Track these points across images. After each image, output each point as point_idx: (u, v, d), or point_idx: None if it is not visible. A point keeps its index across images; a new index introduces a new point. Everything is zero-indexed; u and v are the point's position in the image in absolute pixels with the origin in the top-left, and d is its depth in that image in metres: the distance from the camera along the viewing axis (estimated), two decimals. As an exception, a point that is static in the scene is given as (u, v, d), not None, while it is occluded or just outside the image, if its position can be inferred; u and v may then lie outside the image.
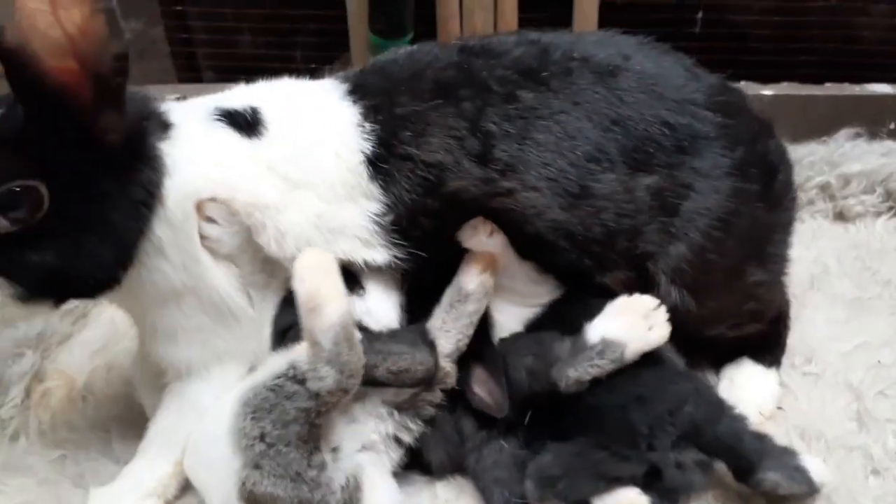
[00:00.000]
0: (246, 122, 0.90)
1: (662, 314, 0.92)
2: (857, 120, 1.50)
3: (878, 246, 1.39)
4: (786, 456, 0.88)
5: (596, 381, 0.89)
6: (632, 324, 0.90)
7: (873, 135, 1.50)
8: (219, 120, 0.90)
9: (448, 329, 0.92)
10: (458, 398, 0.94)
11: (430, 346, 0.90)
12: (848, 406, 1.05)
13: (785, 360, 1.12)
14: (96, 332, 1.20)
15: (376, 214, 0.91)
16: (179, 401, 0.93)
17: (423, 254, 0.94)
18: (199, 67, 2.61)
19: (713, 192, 0.94)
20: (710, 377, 1.10)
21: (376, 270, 0.95)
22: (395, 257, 0.94)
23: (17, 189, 0.76)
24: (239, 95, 0.95)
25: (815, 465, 0.88)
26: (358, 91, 0.94)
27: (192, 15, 2.51)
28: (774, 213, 1.03)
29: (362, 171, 0.90)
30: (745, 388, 1.07)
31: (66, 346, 1.17)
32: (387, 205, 0.91)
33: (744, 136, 0.98)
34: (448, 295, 0.95)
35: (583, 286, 1.00)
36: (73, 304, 1.19)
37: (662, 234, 0.94)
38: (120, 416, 1.05)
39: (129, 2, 2.10)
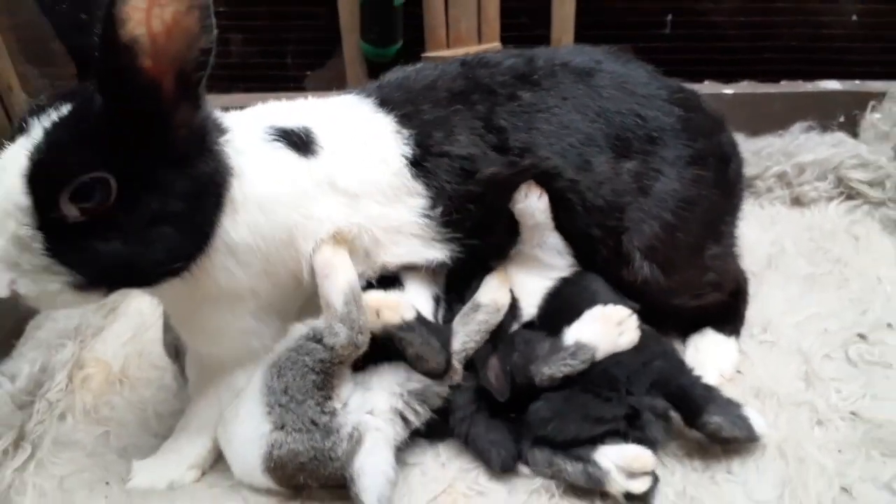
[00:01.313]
0: (301, 142, 0.96)
1: (634, 322, 1.05)
2: (811, 114, 1.62)
3: (830, 227, 1.52)
4: (730, 405, 1.01)
5: None
6: (605, 331, 1.03)
7: (825, 127, 1.62)
8: (276, 140, 0.95)
9: (458, 331, 1.05)
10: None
11: (447, 345, 1.02)
12: (798, 368, 1.18)
13: (744, 330, 1.25)
14: (126, 324, 1.32)
15: (424, 209, 1.02)
16: (217, 383, 1.02)
17: (475, 241, 1.06)
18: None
19: (678, 178, 1.08)
20: (678, 346, 1.23)
21: (413, 269, 1.06)
22: (452, 250, 1.05)
23: (88, 181, 0.78)
24: (287, 114, 1.01)
25: (755, 416, 1.01)
26: (387, 104, 1.04)
27: None
28: (728, 198, 1.18)
29: (406, 173, 1.01)
30: (708, 353, 1.20)
31: (100, 337, 1.29)
32: (432, 198, 1.02)
33: (702, 130, 1.12)
34: (468, 302, 1.07)
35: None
36: (105, 299, 1.32)
37: (639, 212, 1.07)
38: (154, 396, 1.17)
39: None
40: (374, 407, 1.00)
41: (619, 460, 0.96)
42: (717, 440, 1.02)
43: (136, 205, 0.82)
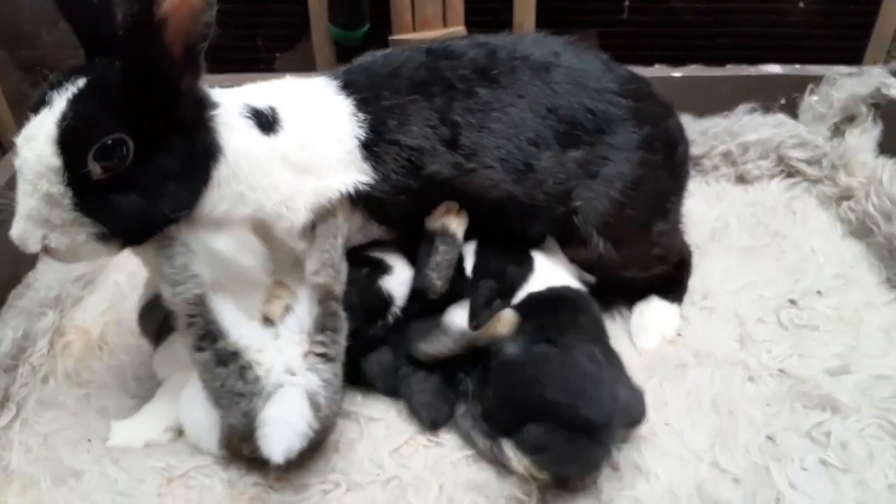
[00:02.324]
0: (267, 121, 1.04)
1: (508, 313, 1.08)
2: (754, 96, 1.71)
3: (772, 203, 1.62)
4: None
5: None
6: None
7: (767, 109, 1.71)
8: (248, 118, 1.02)
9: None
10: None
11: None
12: (734, 331, 1.28)
13: (686, 298, 1.34)
14: (104, 294, 1.38)
15: (364, 184, 1.08)
16: None
17: (394, 231, 1.16)
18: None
19: (626, 161, 1.16)
20: (624, 311, 1.34)
21: (397, 255, 1.18)
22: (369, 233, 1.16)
23: (110, 142, 0.87)
24: (259, 94, 1.07)
25: None
26: (349, 87, 1.11)
27: None
28: (674, 178, 1.27)
29: (357, 154, 1.08)
30: (652, 318, 1.30)
31: (79, 306, 1.34)
32: (375, 180, 1.09)
33: (650, 117, 1.20)
34: None
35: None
36: (82, 271, 1.38)
37: (589, 192, 1.15)
38: (132, 361, 1.23)
39: None
40: (291, 364, 1.05)
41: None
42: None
43: (148, 163, 0.92)
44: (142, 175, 0.91)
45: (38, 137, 0.88)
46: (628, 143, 1.16)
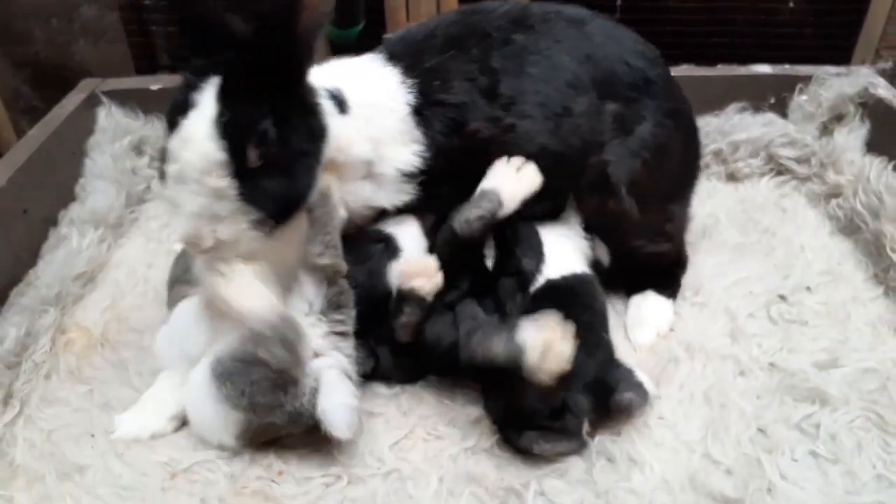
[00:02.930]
0: (340, 102, 1.09)
1: (531, 169, 1.15)
2: (744, 96, 1.73)
3: (761, 201, 1.65)
4: (633, 378, 1.10)
5: None
6: (504, 176, 1.14)
7: (757, 108, 1.74)
8: (329, 99, 1.07)
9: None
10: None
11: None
12: (724, 326, 1.30)
13: (678, 294, 1.37)
14: (104, 293, 1.39)
15: (419, 155, 1.14)
16: None
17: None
18: (156, 52, 2.72)
19: (659, 126, 1.20)
20: (618, 306, 1.36)
21: (408, 234, 1.20)
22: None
23: (263, 129, 0.93)
24: (323, 77, 1.09)
25: (646, 379, 1.11)
26: (393, 58, 1.15)
27: (147, 0, 2.60)
28: (693, 160, 1.34)
29: (410, 121, 1.13)
30: (648, 313, 1.32)
31: (80, 304, 1.35)
32: (426, 146, 1.14)
33: (678, 94, 1.26)
34: None
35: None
36: (82, 269, 1.39)
37: (622, 148, 1.19)
38: (134, 357, 1.24)
39: None
40: (316, 347, 1.07)
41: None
42: (626, 413, 1.10)
43: (286, 146, 0.98)
44: (283, 157, 0.97)
45: (198, 137, 0.92)
46: (660, 110, 1.21)
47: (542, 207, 1.23)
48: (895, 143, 1.54)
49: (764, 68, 1.73)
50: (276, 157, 0.96)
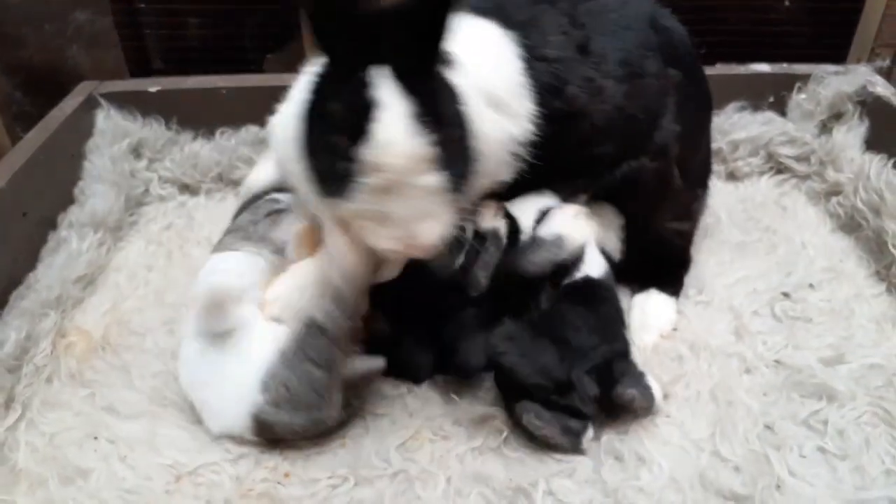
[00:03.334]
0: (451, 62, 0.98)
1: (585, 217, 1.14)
2: (743, 95, 1.73)
3: (761, 199, 1.65)
4: (640, 378, 1.10)
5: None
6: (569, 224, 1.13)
7: (756, 107, 1.74)
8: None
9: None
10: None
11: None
12: (729, 324, 1.30)
13: (681, 293, 1.37)
14: (104, 296, 1.37)
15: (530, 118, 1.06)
16: None
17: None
18: (150, 57, 2.70)
19: (698, 109, 1.24)
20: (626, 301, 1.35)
21: None
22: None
23: (453, 112, 0.90)
24: None
25: (655, 386, 1.11)
26: (484, 13, 1.08)
27: (141, 4, 2.59)
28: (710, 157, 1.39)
29: (522, 76, 1.06)
30: (652, 313, 1.31)
31: (80, 308, 1.34)
32: (536, 107, 1.07)
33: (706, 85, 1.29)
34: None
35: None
36: (82, 272, 1.38)
37: (677, 116, 1.19)
38: (135, 359, 1.23)
39: None
40: None
41: None
42: (628, 409, 1.10)
43: (462, 124, 0.94)
44: (463, 136, 0.93)
45: (401, 139, 0.84)
46: (700, 89, 1.24)
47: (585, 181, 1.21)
48: (894, 141, 1.54)
49: (762, 67, 1.73)
50: (460, 139, 0.91)
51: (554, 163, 1.10)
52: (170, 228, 1.56)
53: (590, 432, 1.08)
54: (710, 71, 1.74)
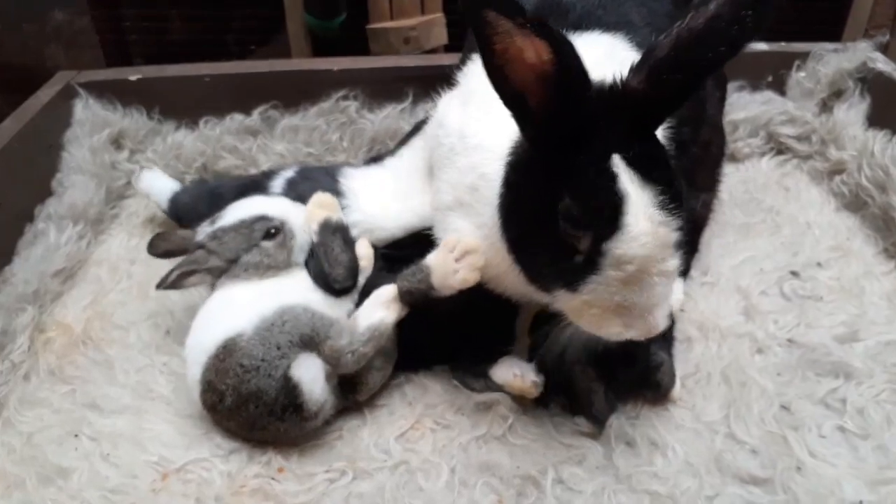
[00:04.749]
0: None
1: (474, 260, 0.98)
2: (742, 75, 1.69)
3: (763, 180, 1.61)
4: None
5: None
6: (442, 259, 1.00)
7: (755, 87, 1.70)
8: None
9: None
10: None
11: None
12: (737, 304, 1.25)
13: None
14: (84, 290, 1.31)
15: None
16: None
17: None
18: (130, 55, 2.64)
19: (721, 100, 1.27)
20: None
21: None
22: None
23: (680, 187, 0.82)
24: None
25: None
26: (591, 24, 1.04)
27: (121, 2, 2.53)
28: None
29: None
30: None
31: (59, 301, 1.27)
32: None
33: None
34: None
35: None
36: (61, 266, 1.31)
37: (715, 91, 1.22)
38: (119, 354, 1.17)
39: None
40: None
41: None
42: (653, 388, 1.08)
43: None
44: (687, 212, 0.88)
45: (649, 231, 0.78)
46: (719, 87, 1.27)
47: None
48: (898, 117, 1.51)
49: (760, 46, 1.69)
50: (690, 211, 0.88)
51: None
52: (153, 220, 1.50)
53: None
54: (706, 50, 1.72)
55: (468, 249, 0.97)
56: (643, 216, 0.78)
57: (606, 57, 0.94)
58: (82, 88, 1.56)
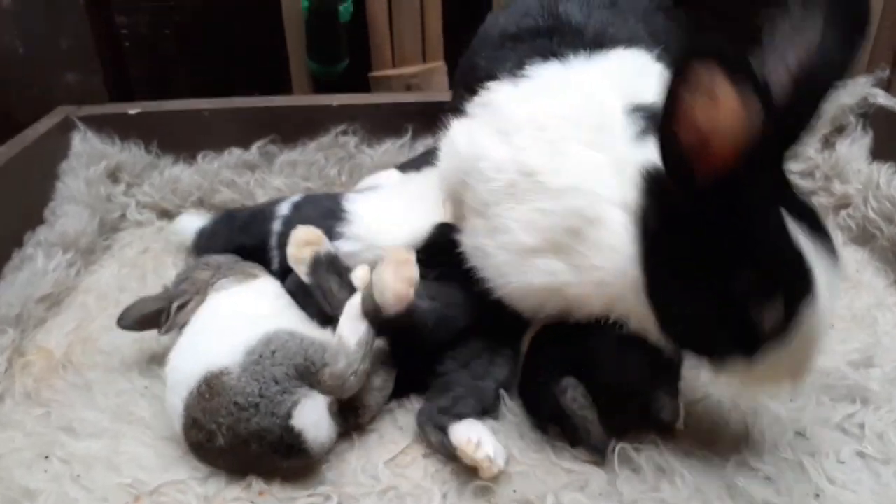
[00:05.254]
0: None
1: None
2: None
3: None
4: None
5: None
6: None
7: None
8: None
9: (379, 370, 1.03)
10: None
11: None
12: (745, 332, 1.21)
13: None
14: (70, 316, 1.27)
15: None
16: None
17: None
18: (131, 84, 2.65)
19: None
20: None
21: None
22: None
23: None
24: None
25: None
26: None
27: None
28: None
29: None
30: None
31: (42, 328, 1.23)
32: None
33: None
34: None
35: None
36: (47, 291, 1.28)
37: None
38: (100, 378, 1.11)
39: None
40: None
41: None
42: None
43: None
44: None
45: (829, 288, 0.76)
46: None
47: None
48: (901, 150, 1.49)
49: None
50: None
51: None
52: (146, 252, 1.47)
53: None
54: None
55: (401, 260, 0.95)
56: (824, 271, 0.75)
57: (640, 73, 0.93)
58: (81, 122, 1.56)
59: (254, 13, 2.28)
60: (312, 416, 0.93)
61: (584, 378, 0.97)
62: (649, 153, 0.80)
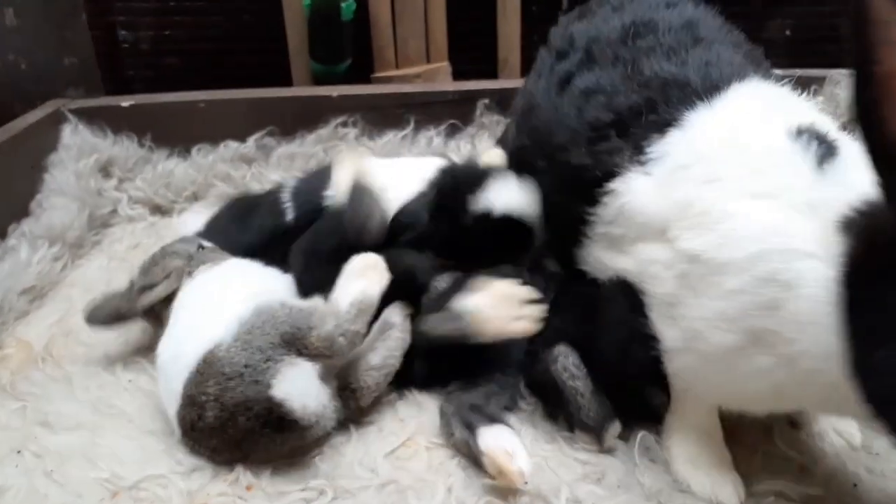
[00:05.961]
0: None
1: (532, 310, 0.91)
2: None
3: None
4: None
5: None
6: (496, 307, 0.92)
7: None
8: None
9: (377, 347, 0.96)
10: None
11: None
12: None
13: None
14: (52, 309, 1.21)
15: None
16: None
17: None
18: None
19: None
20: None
21: None
22: None
23: None
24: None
25: None
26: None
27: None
28: None
29: None
30: None
31: (23, 320, 1.17)
32: None
33: None
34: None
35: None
36: (30, 284, 1.22)
37: None
38: (81, 371, 1.05)
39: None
40: None
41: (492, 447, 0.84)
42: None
43: None
44: None
45: None
46: None
47: None
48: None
49: (775, 72, 1.62)
50: None
51: None
52: (137, 248, 1.41)
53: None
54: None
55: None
56: None
57: (774, 99, 0.85)
58: (73, 114, 1.51)
59: (255, 7, 2.22)
60: (297, 383, 0.86)
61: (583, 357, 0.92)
62: (845, 180, 0.68)
